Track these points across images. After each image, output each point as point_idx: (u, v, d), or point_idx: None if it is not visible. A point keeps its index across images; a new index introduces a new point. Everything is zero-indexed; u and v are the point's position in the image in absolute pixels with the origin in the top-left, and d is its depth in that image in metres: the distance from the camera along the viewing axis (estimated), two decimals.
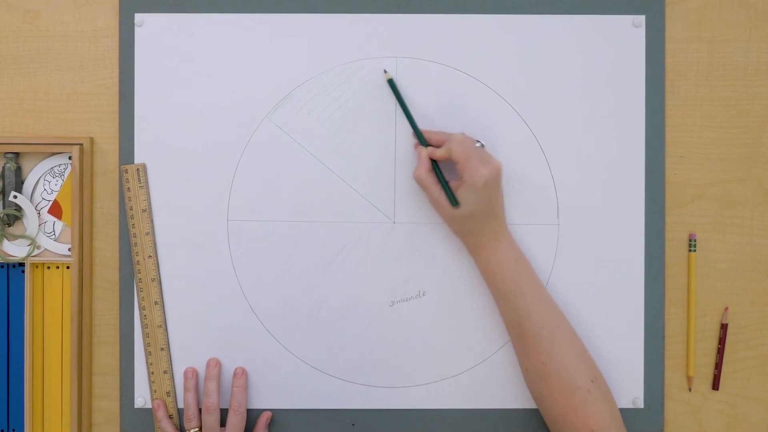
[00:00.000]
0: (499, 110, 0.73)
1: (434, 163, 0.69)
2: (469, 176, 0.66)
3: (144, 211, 0.72)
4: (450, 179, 0.69)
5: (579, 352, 0.67)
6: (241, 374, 0.71)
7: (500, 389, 0.72)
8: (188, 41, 0.72)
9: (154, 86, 0.72)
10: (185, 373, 0.72)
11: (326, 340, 0.72)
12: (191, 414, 0.70)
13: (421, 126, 0.71)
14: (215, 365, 0.71)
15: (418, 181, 0.69)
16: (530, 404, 0.72)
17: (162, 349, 0.72)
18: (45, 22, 0.73)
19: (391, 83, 0.72)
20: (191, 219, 0.72)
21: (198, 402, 0.71)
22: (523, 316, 0.67)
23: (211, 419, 0.69)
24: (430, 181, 0.68)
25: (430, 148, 0.69)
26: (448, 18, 0.73)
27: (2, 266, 0.73)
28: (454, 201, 0.68)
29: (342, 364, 0.72)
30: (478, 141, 0.68)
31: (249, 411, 0.72)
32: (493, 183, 0.67)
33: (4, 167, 0.72)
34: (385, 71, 0.72)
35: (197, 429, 0.70)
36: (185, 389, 0.71)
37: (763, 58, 0.74)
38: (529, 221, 0.72)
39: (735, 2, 0.74)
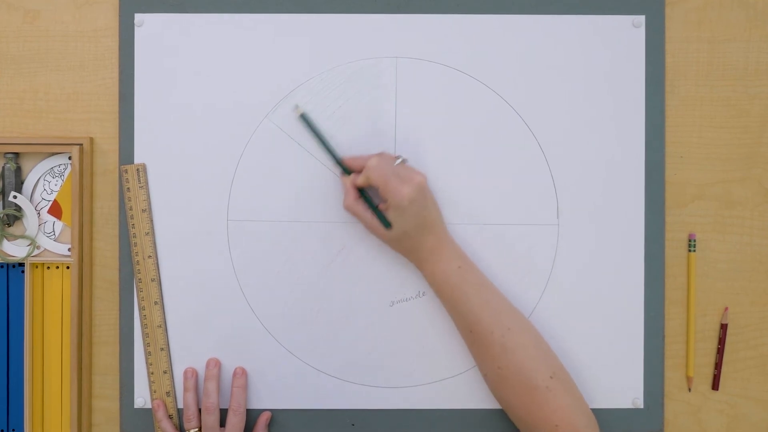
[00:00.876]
0: (498, 110, 0.73)
1: (361, 189, 0.68)
2: (392, 198, 0.65)
3: (144, 211, 0.72)
4: (379, 202, 0.68)
5: (534, 350, 0.66)
6: (241, 374, 0.71)
7: None
8: (188, 41, 0.72)
9: (154, 86, 0.72)
10: (185, 373, 0.72)
11: (326, 340, 0.72)
12: (191, 414, 0.70)
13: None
14: (215, 365, 0.71)
15: (349, 211, 0.69)
16: None
17: (162, 349, 0.72)
18: (45, 22, 0.73)
19: (303, 118, 0.71)
20: (191, 219, 0.72)
21: (198, 402, 0.71)
22: (472, 322, 0.67)
23: (211, 419, 0.69)
24: (360, 208, 0.68)
25: (352, 175, 0.69)
26: (448, 18, 0.73)
27: (2, 266, 0.73)
28: (386, 223, 0.67)
29: (342, 364, 0.72)
30: (399, 156, 0.68)
31: (249, 411, 0.72)
32: (419, 198, 0.66)
33: (4, 167, 0.72)
34: (296, 106, 0.71)
35: (197, 429, 0.70)
36: (185, 389, 0.71)
37: (763, 58, 0.74)
38: (529, 221, 0.72)
39: (735, 2, 0.74)
